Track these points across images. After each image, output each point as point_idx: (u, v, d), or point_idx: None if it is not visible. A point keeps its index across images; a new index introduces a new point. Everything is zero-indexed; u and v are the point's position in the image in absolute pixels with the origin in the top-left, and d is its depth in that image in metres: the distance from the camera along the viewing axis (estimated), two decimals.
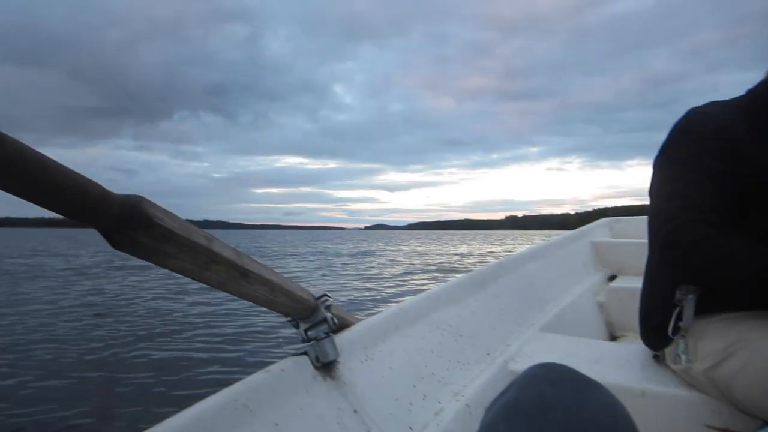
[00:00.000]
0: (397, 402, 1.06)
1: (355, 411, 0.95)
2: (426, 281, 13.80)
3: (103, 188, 0.50)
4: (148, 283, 13.44)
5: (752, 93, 1.23)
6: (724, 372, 1.08)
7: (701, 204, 1.09)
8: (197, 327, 7.15)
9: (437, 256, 25.48)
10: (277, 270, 0.83)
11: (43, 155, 0.45)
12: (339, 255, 27.13)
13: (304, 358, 0.96)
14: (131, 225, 0.53)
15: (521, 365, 1.40)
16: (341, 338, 1.04)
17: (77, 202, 0.48)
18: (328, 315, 0.96)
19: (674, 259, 1.10)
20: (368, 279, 14.24)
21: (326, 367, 0.97)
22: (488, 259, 23.48)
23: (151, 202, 0.55)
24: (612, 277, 2.91)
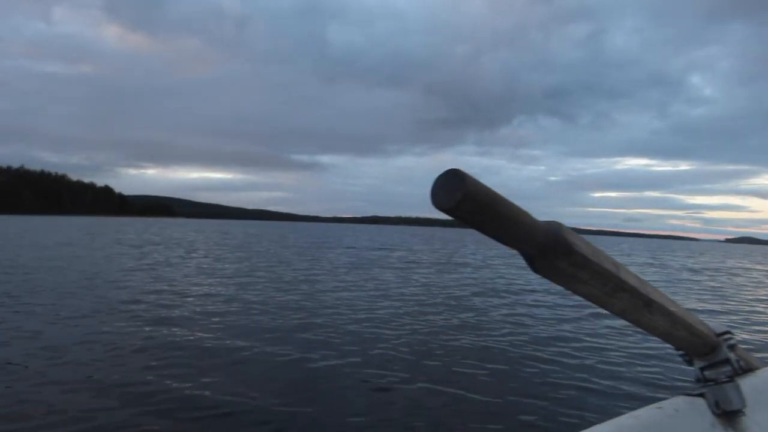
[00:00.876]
0: None
1: None
2: None
3: (532, 216, 0.54)
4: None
5: None
6: None
7: None
8: (570, 340, 7.04)
9: None
10: None
11: (492, 189, 0.50)
12: (689, 270, 23.75)
13: (701, 400, 0.86)
14: (553, 251, 0.56)
15: None
16: (744, 384, 0.88)
17: (515, 229, 0.52)
18: (732, 356, 0.85)
19: None
20: (725, 300, 12.05)
21: (728, 415, 0.85)
22: None
23: (569, 230, 0.58)
24: None
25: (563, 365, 5.62)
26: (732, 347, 0.86)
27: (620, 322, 7.17)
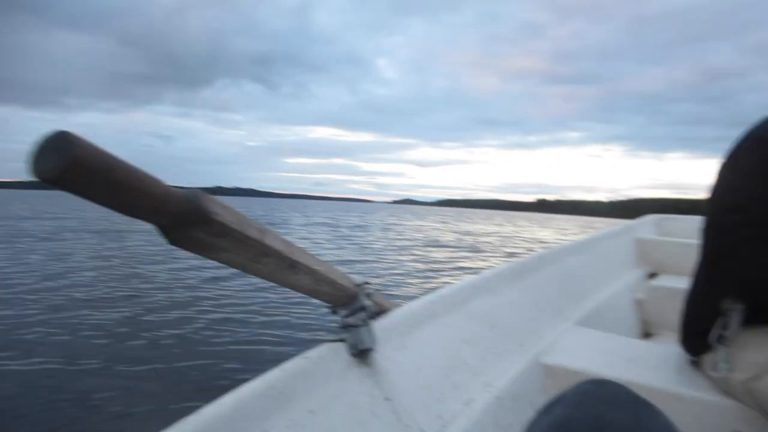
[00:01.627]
0: (428, 391, 1.06)
1: (387, 399, 0.96)
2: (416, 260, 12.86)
3: (166, 186, 0.51)
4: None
5: None
6: (764, 384, 1.09)
7: (763, 220, 1.09)
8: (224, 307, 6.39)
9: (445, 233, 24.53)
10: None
11: (112, 156, 0.44)
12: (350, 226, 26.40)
13: (341, 345, 0.96)
14: (190, 222, 0.53)
15: (553, 359, 1.42)
16: (378, 325, 1.02)
17: (141, 201, 0.47)
18: (368, 302, 0.96)
19: (727, 272, 1.15)
20: (366, 252, 13.49)
21: (362, 354, 0.96)
22: (483, 238, 23.30)
23: (210, 198, 0.55)
24: (652, 275, 2.90)
25: (215, 328, 5.33)
26: (369, 295, 0.97)
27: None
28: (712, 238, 1.18)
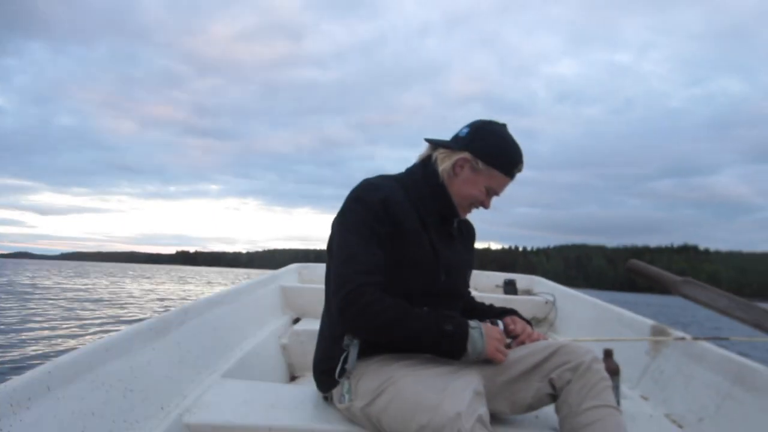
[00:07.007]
0: None
1: None
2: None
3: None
4: None
5: (409, 172, 1.57)
6: (376, 407, 1.30)
7: (372, 268, 1.33)
8: None
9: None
10: None
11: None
12: None
13: None
14: None
15: (197, 417, 1.39)
16: None
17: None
18: None
19: (351, 316, 1.32)
20: None
21: None
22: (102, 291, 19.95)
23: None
24: (296, 320, 3.09)
25: None
26: None
27: None
28: (338, 288, 1.32)
